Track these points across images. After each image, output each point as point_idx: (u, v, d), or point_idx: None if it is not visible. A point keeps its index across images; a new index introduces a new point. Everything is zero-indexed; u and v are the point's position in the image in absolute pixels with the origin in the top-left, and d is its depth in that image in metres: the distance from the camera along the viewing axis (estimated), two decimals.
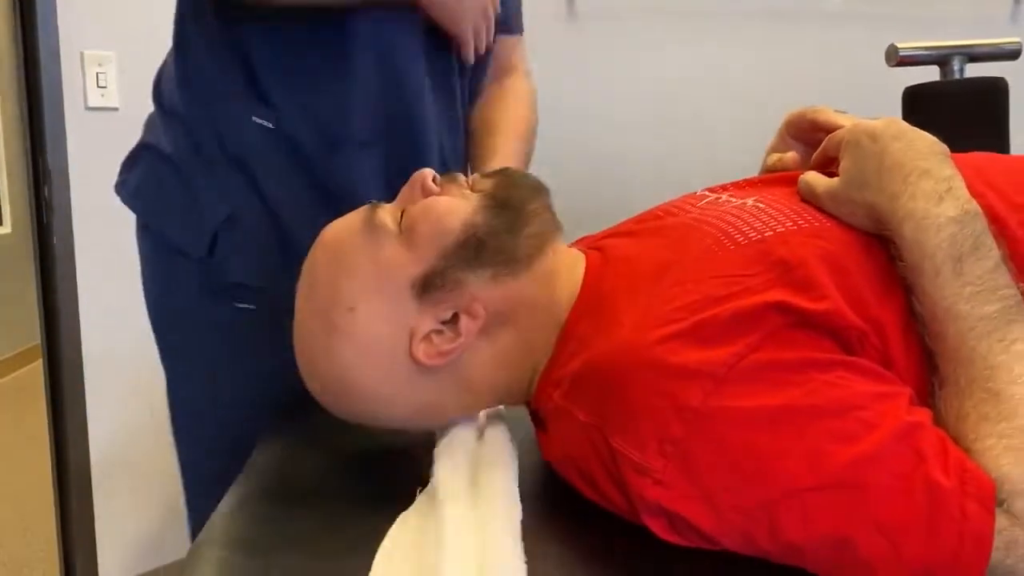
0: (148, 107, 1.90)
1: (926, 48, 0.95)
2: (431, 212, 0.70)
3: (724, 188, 0.82)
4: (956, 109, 0.93)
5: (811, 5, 2.24)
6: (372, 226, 0.70)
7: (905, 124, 0.70)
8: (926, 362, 0.62)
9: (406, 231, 0.70)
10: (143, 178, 1.01)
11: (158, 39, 1.86)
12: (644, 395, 0.59)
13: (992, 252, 0.61)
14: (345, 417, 0.74)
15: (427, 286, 0.68)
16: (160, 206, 1.00)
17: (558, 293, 0.72)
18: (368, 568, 0.58)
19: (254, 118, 0.95)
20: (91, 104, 1.85)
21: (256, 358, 0.94)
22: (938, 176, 0.64)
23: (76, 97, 1.83)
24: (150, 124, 1.05)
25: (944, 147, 0.68)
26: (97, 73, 1.85)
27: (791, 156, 0.81)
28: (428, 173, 0.73)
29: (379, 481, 0.75)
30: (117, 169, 1.03)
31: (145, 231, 1.04)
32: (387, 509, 0.65)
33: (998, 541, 0.52)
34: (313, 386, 0.73)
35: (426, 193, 0.72)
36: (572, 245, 0.83)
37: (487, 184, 0.74)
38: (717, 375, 0.57)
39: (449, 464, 0.70)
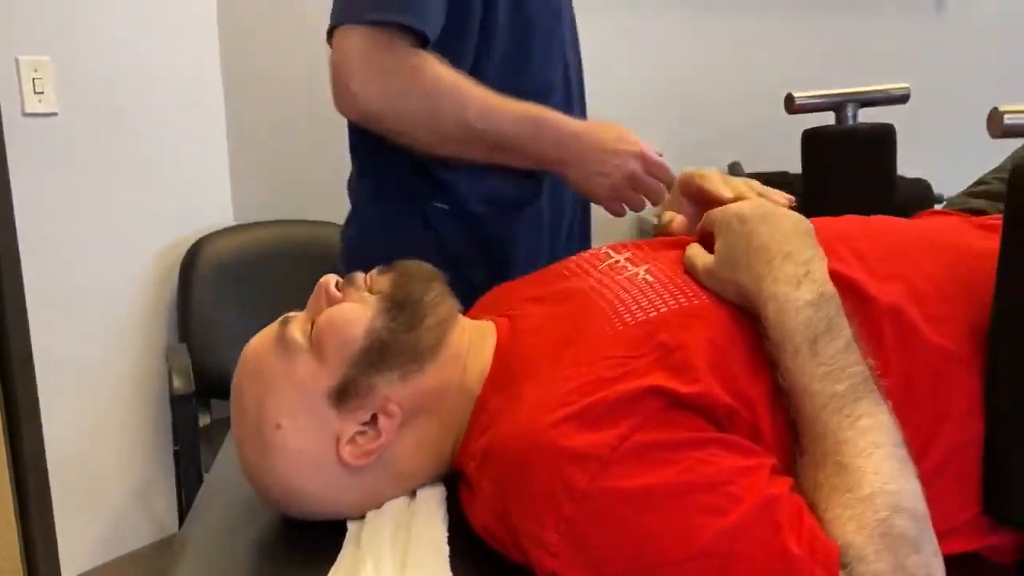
0: (86, 111, 1.92)
1: (821, 96, 1.01)
2: (333, 324, 0.75)
3: (625, 247, 0.88)
4: (849, 153, 1.00)
5: None
6: (284, 344, 0.75)
7: (771, 206, 0.76)
8: (791, 432, 0.69)
9: (315, 344, 0.74)
10: (358, 231, 1.22)
11: (94, 42, 1.87)
12: (541, 477, 0.66)
13: (843, 332, 0.69)
14: (296, 516, 0.79)
15: (342, 395, 0.73)
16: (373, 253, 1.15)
17: (468, 372, 0.78)
18: None
19: (434, 203, 1.14)
20: (28, 110, 1.85)
21: None
22: (799, 259, 0.71)
23: (13, 103, 1.83)
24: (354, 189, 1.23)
25: (808, 225, 0.74)
26: (33, 79, 1.85)
27: (679, 223, 0.89)
28: (330, 280, 0.78)
29: (322, 532, 0.81)
30: (57, 172, 1.07)
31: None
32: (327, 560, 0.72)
33: None
34: (261, 495, 0.79)
35: (329, 300, 0.77)
36: (483, 309, 0.89)
37: (384, 283, 0.79)
38: (603, 458, 0.64)
39: (374, 516, 0.77)
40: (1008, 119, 0.69)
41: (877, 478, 0.64)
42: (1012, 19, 2.42)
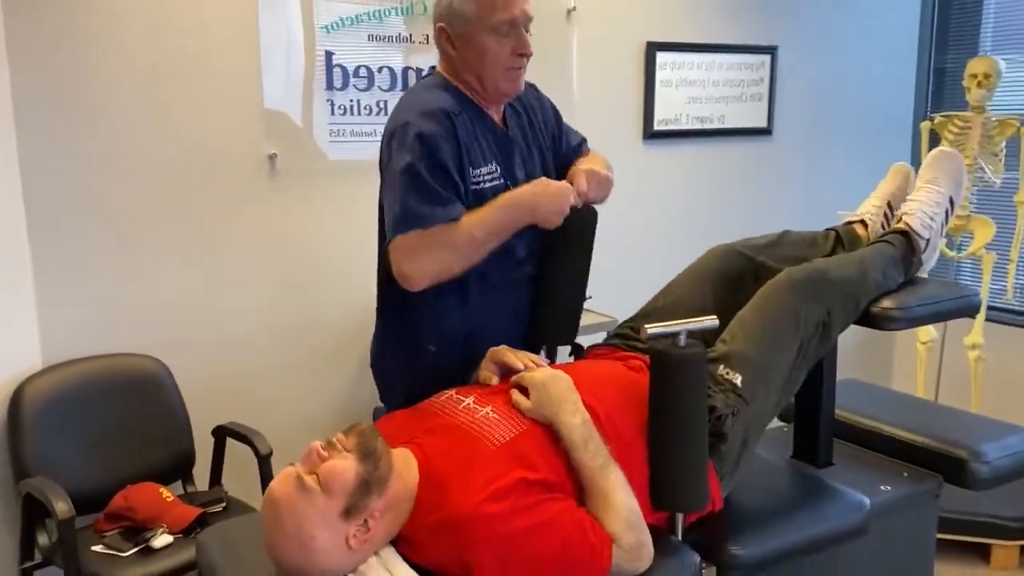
0: None
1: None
2: (335, 474, 1.34)
3: (469, 392, 1.62)
4: (567, 228, 1.80)
5: None
6: (305, 490, 1.32)
7: (551, 375, 1.56)
8: (579, 486, 1.49)
9: (325, 488, 1.32)
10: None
11: None
12: (479, 530, 1.36)
13: (595, 435, 1.49)
14: None
15: (347, 513, 1.35)
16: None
17: (407, 484, 1.43)
18: None
19: (427, 345, 1.85)
20: None
21: None
22: (572, 400, 1.51)
23: None
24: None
25: (570, 381, 1.54)
26: None
27: (495, 380, 1.65)
28: (317, 446, 1.38)
29: None
30: None
31: None
32: None
33: (616, 557, 1.41)
34: (289, 572, 1.35)
35: (320, 459, 1.37)
36: (393, 435, 1.56)
37: (352, 442, 1.39)
38: (504, 516, 1.37)
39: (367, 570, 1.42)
40: (650, 331, 1.55)
41: (622, 502, 1.45)
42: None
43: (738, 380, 1.71)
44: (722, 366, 1.73)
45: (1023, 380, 3.84)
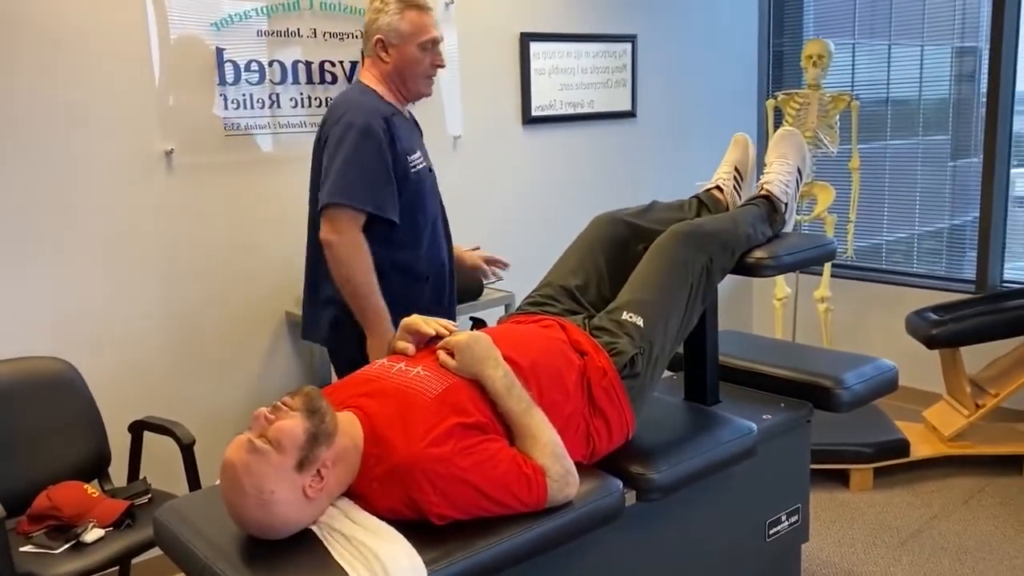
0: None
1: None
2: (285, 432, 1.46)
3: (400, 360, 1.77)
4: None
5: None
6: (258, 451, 1.43)
7: (475, 336, 1.73)
8: (507, 428, 1.67)
9: (276, 446, 1.44)
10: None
11: None
12: (425, 473, 1.52)
13: (517, 383, 1.68)
14: (276, 537, 1.49)
15: (301, 465, 1.48)
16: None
17: (354, 439, 1.57)
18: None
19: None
20: None
21: None
22: (494, 357, 1.69)
23: None
24: None
25: (490, 340, 1.72)
26: None
27: (411, 351, 1.78)
28: (264, 410, 1.50)
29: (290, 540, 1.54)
30: None
31: None
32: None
33: (550, 488, 1.61)
34: (256, 532, 1.49)
35: (269, 421, 1.48)
36: (334, 401, 1.70)
37: (298, 402, 1.53)
38: (447, 459, 1.54)
39: (328, 520, 1.56)
40: None
41: (547, 437, 1.65)
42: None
43: (640, 322, 1.94)
44: (625, 312, 1.96)
45: (864, 326, 4.33)
